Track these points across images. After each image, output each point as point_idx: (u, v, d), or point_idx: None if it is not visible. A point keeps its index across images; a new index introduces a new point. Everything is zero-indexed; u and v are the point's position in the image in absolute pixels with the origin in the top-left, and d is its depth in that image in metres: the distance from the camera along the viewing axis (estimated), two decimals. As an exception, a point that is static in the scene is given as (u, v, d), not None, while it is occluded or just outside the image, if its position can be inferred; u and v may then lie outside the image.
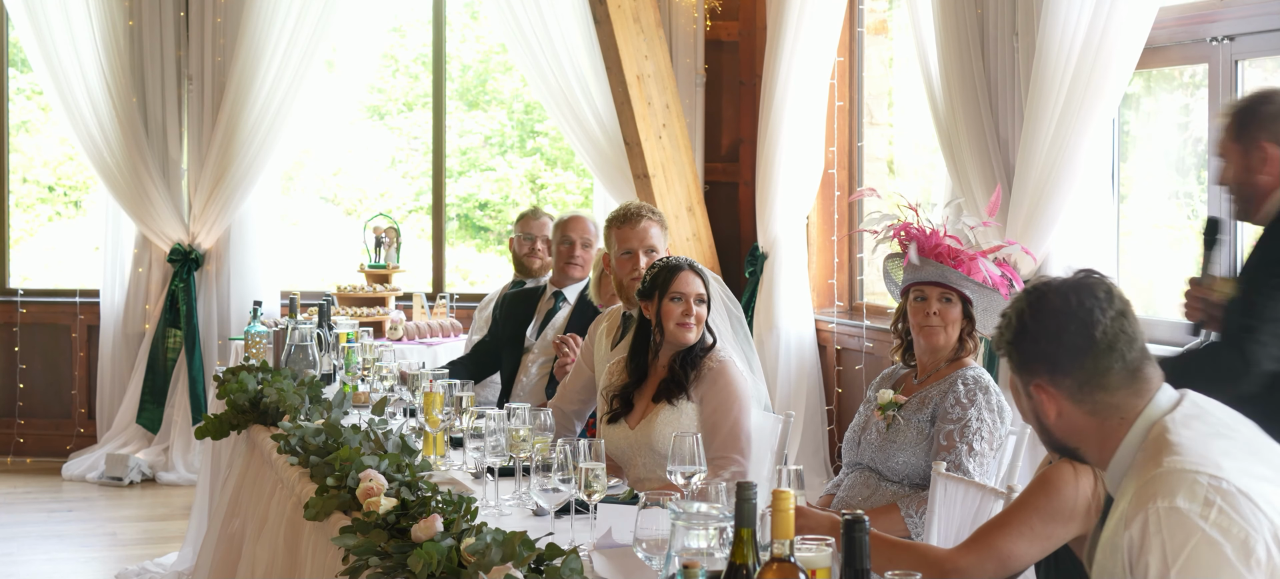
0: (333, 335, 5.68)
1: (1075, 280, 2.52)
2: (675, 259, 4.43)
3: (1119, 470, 2.49)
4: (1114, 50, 5.29)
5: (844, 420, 7.72)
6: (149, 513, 7.77)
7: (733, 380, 4.29)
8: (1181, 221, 5.90)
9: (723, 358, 4.33)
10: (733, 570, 2.43)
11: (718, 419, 4.24)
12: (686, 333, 4.31)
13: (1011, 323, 2.56)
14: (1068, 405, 2.50)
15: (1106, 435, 2.50)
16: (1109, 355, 2.46)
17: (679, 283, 4.32)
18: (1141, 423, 2.47)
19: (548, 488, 3.37)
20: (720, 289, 4.64)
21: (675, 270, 4.35)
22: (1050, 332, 2.48)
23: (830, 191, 8.05)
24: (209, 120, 8.58)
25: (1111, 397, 2.48)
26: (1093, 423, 2.50)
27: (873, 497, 4.14)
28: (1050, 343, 2.48)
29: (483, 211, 11.56)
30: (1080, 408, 2.49)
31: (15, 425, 8.95)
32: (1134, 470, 2.44)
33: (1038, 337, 2.50)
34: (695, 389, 4.28)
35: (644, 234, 5.00)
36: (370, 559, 3.06)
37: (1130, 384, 2.48)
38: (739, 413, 4.26)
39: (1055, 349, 2.48)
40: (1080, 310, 2.47)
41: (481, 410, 4.12)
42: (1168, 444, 2.40)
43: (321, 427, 4.10)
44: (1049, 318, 2.49)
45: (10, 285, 9.10)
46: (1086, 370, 2.47)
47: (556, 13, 8.36)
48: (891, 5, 7.96)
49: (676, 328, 4.31)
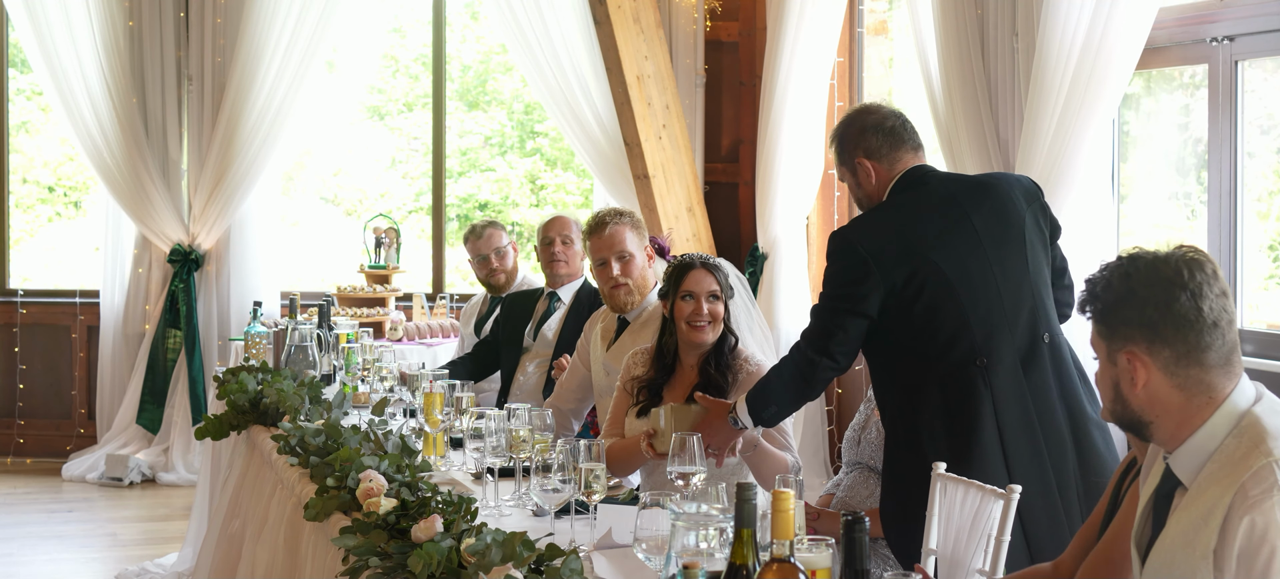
0: (333, 336, 5.69)
1: (1183, 254, 2.49)
2: (688, 257, 4.37)
3: (1197, 454, 2.46)
4: (1114, 51, 5.29)
5: (844, 420, 7.72)
6: (149, 513, 7.77)
7: None
8: (1181, 222, 5.90)
9: (759, 361, 4.28)
10: (733, 571, 2.43)
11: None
12: (699, 333, 4.25)
13: (1112, 286, 2.51)
14: (1159, 376, 2.46)
15: (1190, 414, 2.46)
16: (1212, 332, 2.44)
17: (689, 281, 4.26)
18: (1228, 408, 2.45)
19: (548, 488, 3.37)
20: (737, 279, 4.53)
21: (686, 268, 4.30)
22: (1159, 300, 2.45)
23: (830, 192, 8.05)
24: (209, 121, 8.59)
25: (1207, 374, 2.45)
26: (1179, 399, 2.46)
27: (873, 496, 4.14)
28: (1157, 311, 2.45)
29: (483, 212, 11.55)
30: (1171, 381, 2.46)
31: (15, 426, 8.95)
32: (1224, 459, 2.41)
33: (1145, 303, 2.46)
34: (733, 393, 4.21)
35: (613, 240, 4.97)
36: (370, 560, 3.06)
37: (1225, 366, 2.46)
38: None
39: (1161, 317, 2.44)
40: (1192, 283, 2.44)
41: (481, 411, 4.12)
42: (1268, 432, 2.39)
43: (321, 427, 4.10)
44: (1160, 286, 2.45)
45: (10, 286, 9.10)
46: (1189, 343, 2.44)
47: (556, 13, 8.36)
48: (891, 6, 7.96)
49: (688, 328, 4.25)
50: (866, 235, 3.87)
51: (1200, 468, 2.45)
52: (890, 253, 3.80)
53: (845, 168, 4.05)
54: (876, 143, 3.98)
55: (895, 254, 3.80)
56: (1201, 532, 2.37)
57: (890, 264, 3.79)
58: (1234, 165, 5.30)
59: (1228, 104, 5.29)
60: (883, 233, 3.87)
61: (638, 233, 5.05)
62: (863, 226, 3.93)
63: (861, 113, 4.06)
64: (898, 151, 3.98)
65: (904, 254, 3.80)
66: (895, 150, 3.98)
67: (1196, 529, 2.38)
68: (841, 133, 4.05)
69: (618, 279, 4.96)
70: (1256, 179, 5.57)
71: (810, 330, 3.91)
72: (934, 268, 3.78)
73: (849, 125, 4.04)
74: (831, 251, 3.90)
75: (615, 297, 5.00)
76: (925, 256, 3.79)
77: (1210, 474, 2.42)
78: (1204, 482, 2.43)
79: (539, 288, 6.29)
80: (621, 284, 4.97)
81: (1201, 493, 2.42)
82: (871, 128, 3.99)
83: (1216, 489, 2.38)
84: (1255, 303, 5.57)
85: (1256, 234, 5.61)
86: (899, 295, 3.78)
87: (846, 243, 3.85)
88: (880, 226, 3.90)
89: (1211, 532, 2.35)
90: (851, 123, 4.04)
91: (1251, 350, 5.19)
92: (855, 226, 3.94)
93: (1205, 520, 2.37)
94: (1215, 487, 2.39)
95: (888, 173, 3.98)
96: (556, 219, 6.18)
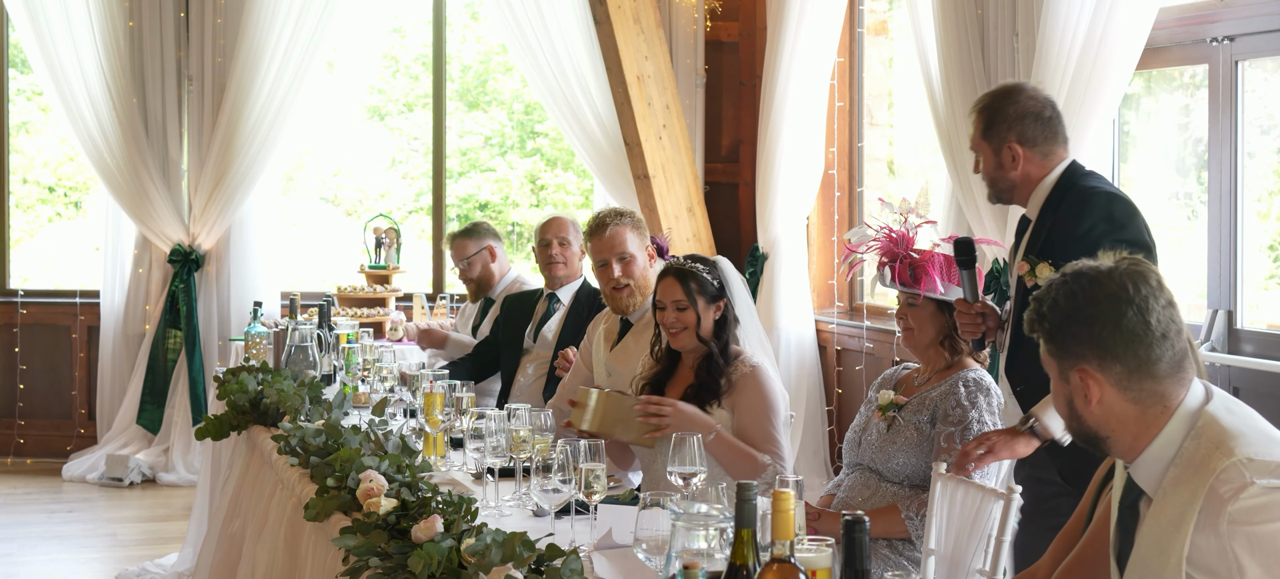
0: (333, 336, 5.69)
1: (1127, 268, 2.48)
2: (669, 263, 4.38)
3: (1157, 462, 2.46)
4: (1114, 51, 5.29)
5: (844, 421, 7.72)
6: (149, 514, 7.77)
7: (763, 385, 4.24)
8: (1182, 222, 5.90)
9: (754, 362, 4.27)
10: (733, 571, 2.43)
11: (748, 422, 4.21)
12: (674, 339, 4.28)
13: (1059, 305, 2.51)
14: (1111, 392, 2.47)
15: (1146, 425, 2.47)
16: (1161, 344, 2.44)
17: (660, 290, 4.30)
18: (1182, 413, 2.45)
19: (548, 489, 3.37)
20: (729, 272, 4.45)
21: (661, 277, 4.33)
22: (1107, 316, 2.45)
23: (830, 192, 8.05)
24: (209, 121, 8.59)
25: (1159, 385, 2.45)
26: (1134, 411, 2.47)
27: (873, 497, 4.14)
28: (1105, 327, 2.45)
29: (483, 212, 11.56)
30: (1125, 396, 2.46)
31: (15, 426, 8.95)
32: (1185, 463, 2.41)
33: (1092, 320, 2.46)
34: (727, 396, 4.23)
35: (613, 242, 4.97)
36: (370, 560, 3.06)
37: (1176, 374, 2.46)
38: (770, 417, 4.22)
39: (1110, 334, 2.44)
40: (1137, 297, 2.44)
41: (482, 411, 4.12)
42: (1226, 432, 2.39)
43: (322, 427, 4.10)
44: (1105, 303, 2.45)
45: (10, 286, 9.10)
46: (1139, 357, 2.44)
47: (556, 13, 8.36)
48: (891, 6, 7.96)
49: (667, 333, 4.31)
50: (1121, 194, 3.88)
51: (1162, 475, 2.46)
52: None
53: (989, 146, 3.95)
54: (1034, 132, 3.90)
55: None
56: (1174, 539, 2.37)
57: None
58: (1234, 165, 5.29)
59: (1228, 104, 5.29)
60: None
61: (639, 233, 5.04)
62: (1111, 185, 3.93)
63: (1018, 95, 3.95)
64: (1052, 144, 3.92)
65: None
66: (1050, 143, 3.92)
67: (1169, 537, 2.38)
68: (995, 109, 3.94)
69: (619, 280, 4.96)
70: (1257, 179, 5.57)
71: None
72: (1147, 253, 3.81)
73: (1005, 102, 3.94)
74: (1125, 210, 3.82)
75: (617, 298, 4.99)
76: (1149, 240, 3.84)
77: (1173, 479, 2.43)
78: (1168, 488, 2.43)
79: (538, 289, 6.30)
80: (623, 285, 4.97)
81: (1166, 500, 2.42)
82: (1031, 115, 3.91)
83: (1183, 493, 2.39)
84: (1255, 303, 5.56)
85: (1256, 234, 5.60)
86: None
87: (1130, 204, 3.82)
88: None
89: (1183, 538, 2.35)
90: (1009, 101, 3.94)
91: (1252, 350, 5.19)
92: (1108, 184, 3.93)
93: (1177, 527, 2.37)
94: (1181, 490, 2.40)
95: (1039, 167, 3.92)
96: (552, 221, 6.19)
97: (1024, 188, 3.98)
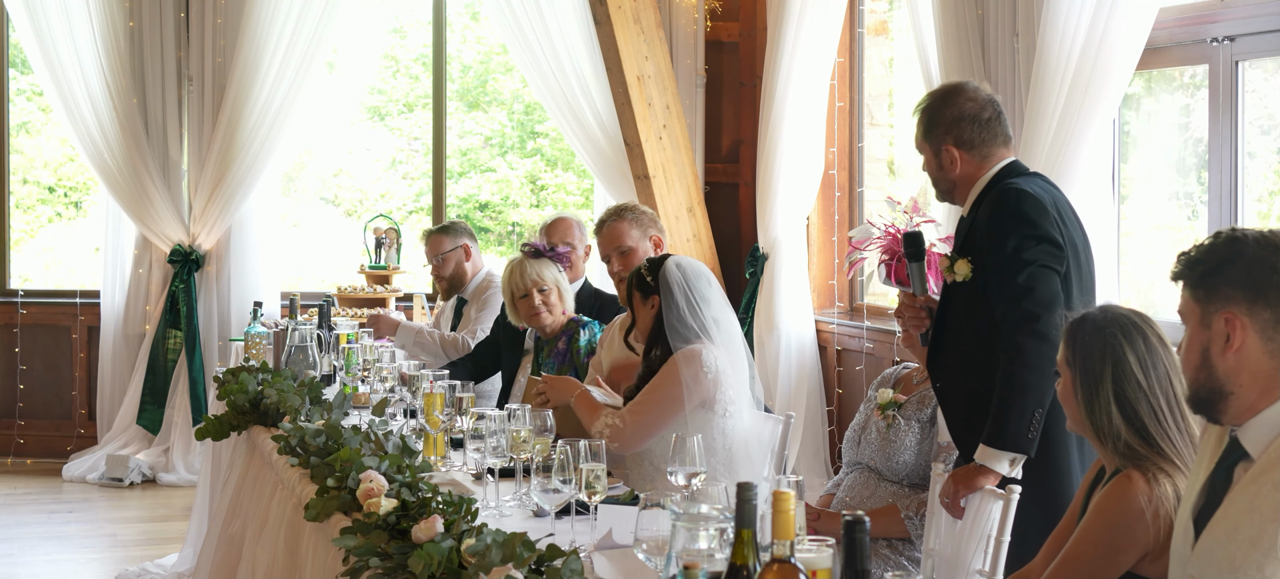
0: (333, 336, 5.69)
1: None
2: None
3: (1270, 427, 2.48)
4: (1114, 51, 5.29)
5: (844, 421, 7.72)
6: (149, 514, 7.77)
7: (672, 367, 4.15)
8: (1182, 222, 5.90)
9: (690, 349, 4.18)
10: (733, 571, 2.43)
11: (647, 391, 4.18)
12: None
13: (1218, 251, 2.56)
14: (1254, 340, 2.50)
15: (1272, 384, 2.49)
16: None
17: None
18: None
19: (548, 489, 3.37)
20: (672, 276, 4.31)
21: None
22: (1266, 262, 2.49)
23: (831, 192, 8.05)
24: (209, 121, 8.58)
25: None
26: (1269, 367, 2.49)
27: (873, 497, 4.14)
28: (1263, 272, 2.49)
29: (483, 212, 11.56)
30: (1266, 347, 2.49)
31: (15, 426, 8.94)
32: None
33: (1252, 263, 2.50)
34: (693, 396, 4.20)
35: (611, 236, 5.00)
36: (370, 560, 3.06)
37: None
38: (658, 390, 4.14)
39: (1266, 280, 2.48)
40: None
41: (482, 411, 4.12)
42: None
43: (322, 427, 4.10)
44: (1268, 249, 2.50)
45: (10, 286, 9.10)
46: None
47: (557, 13, 8.36)
48: (891, 6, 7.96)
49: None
50: (1045, 191, 3.83)
51: (1271, 440, 2.48)
52: (1064, 216, 3.80)
53: (929, 147, 3.97)
54: (971, 134, 3.91)
55: (1064, 219, 3.80)
56: (1272, 496, 2.38)
57: (1064, 226, 3.78)
58: (1234, 165, 5.29)
59: (1228, 104, 5.29)
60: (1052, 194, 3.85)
61: (639, 226, 5.06)
62: (1037, 183, 3.87)
63: (957, 96, 3.96)
64: (990, 146, 3.93)
65: (1067, 223, 3.80)
66: (989, 144, 3.92)
67: (1265, 495, 2.40)
68: (933, 111, 3.96)
69: (619, 274, 4.98)
70: (1257, 179, 5.57)
71: (1014, 294, 3.71)
72: (1074, 251, 3.79)
73: (943, 105, 3.95)
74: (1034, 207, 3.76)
75: (620, 291, 5.01)
76: (1070, 238, 3.80)
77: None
78: (1276, 454, 2.45)
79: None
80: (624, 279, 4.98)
81: (1274, 465, 2.43)
82: (967, 117, 3.91)
83: None
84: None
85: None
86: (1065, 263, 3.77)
87: (1041, 201, 3.76)
88: (1048, 189, 3.88)
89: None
90: (946, 103, 3.95)
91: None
92: (1030, 182, 3.86)
93: (1278, 486, 2.38)
94: None
95: (976, 168, 3.92)
96: (555, 223, 6.20)
97: (963, 187, 3.98)
